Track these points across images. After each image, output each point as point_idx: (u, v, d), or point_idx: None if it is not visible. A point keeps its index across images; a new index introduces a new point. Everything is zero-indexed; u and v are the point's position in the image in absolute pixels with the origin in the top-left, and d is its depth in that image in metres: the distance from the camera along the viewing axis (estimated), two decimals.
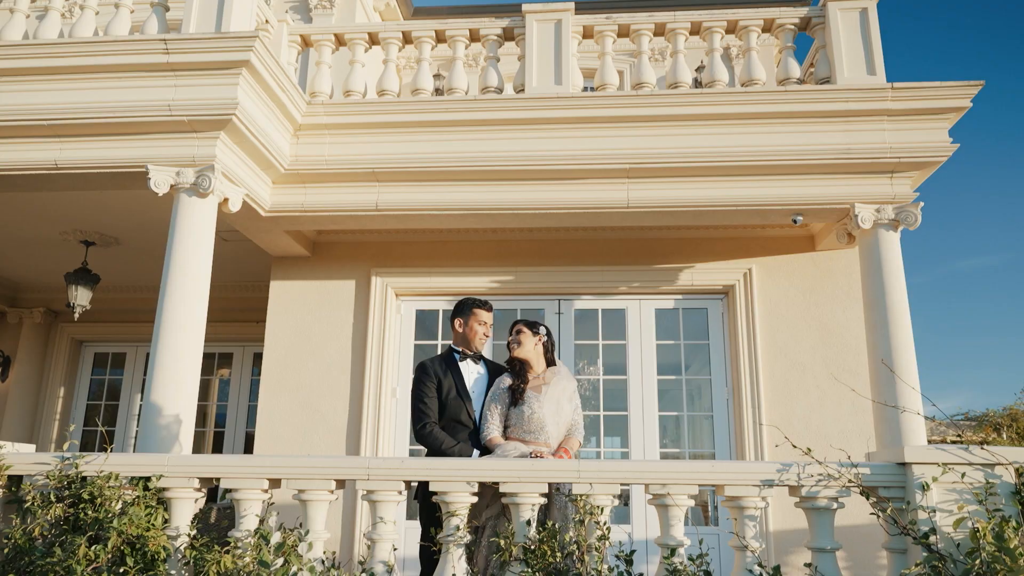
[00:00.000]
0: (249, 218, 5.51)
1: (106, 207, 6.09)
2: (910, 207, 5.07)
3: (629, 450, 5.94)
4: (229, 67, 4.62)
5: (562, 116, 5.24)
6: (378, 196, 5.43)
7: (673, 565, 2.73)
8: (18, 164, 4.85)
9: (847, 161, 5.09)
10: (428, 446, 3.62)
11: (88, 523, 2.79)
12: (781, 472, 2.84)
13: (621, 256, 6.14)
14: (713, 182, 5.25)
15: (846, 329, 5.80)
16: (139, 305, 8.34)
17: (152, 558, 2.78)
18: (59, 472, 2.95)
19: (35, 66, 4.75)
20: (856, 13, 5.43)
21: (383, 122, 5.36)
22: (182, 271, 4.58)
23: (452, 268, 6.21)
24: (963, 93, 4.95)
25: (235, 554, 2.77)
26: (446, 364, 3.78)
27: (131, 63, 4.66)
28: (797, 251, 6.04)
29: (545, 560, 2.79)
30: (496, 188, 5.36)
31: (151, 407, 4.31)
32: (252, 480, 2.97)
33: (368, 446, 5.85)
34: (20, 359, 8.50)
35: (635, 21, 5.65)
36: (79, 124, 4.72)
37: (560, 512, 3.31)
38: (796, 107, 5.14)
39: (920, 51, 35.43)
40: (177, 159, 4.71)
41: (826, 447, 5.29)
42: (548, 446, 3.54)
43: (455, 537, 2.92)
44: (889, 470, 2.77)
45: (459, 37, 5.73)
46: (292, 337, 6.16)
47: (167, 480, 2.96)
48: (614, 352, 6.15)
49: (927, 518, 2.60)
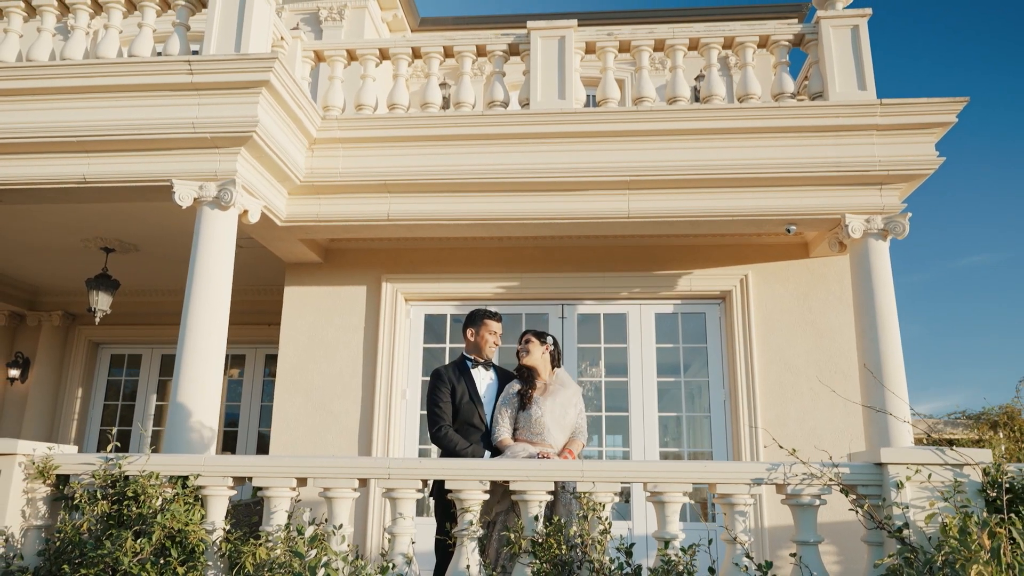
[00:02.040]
0: (266, 228, 5.76)
1: (126, 216, 6.34)
2: (898, 217, 5.31)
3: (630, 449, 6.19)
4: (250, 87, 4.86)
5: (566, 131, 5.48)
6: (389, 207, 5.68)
7: (668, 556, 2.98)
8: (49, 178, 5.10)
9: (838, 174, 5.32)
10: (443, 447, 3.89)
11: (132, 518, 3.04)
12: (769, 471, 3.09)
13: (622, 263, 6.38)
14: (710, 193, 5.49)
15: (839, 333, 6.04)
16: (154, 308, 8.61)
17: (191, 550, 3.03)
18: (104, 471, 3.20)
19: (65, 85, 4.99)
20: (848, 30, 5.65)
21: (395, 136, 5.60)
22: (205, 280, 4.82)
23: (459, 274, 6.46)
24: (948, 109, 5.18)
25: (267, 547, 3.03)
26: (459, 371, 4.05)
27: (157, 83, 4.90)
28: (792, 258, 6.28)
29: (552, 552, 3.05)
30: (502, 199, 5.60)
31: (178, 408, 4.56)
32: (281, 479, 3.22)
33: (379, 446, 6.10)
34: (39, 361, 8.77)
35: (635, 37, 5.88)
36: (107, 140, 4.97)
37: (565, 508, 3.56)
38: (790, 122, 5.37)
39: (912, 63, 35.61)
40: (200, 173, 4.96)
41: (819, 446, 5.55)
42: (553, 447, 3.80)
43: (469, 531, 3.17)
44: (867, 470, 3.02)
45: (466, 53, 5.97)
46: (306, 341, 6.41)
47: (204, 479, 3.21)
48: (616, 355, 6.40)
49: (901, 514, 2.85)
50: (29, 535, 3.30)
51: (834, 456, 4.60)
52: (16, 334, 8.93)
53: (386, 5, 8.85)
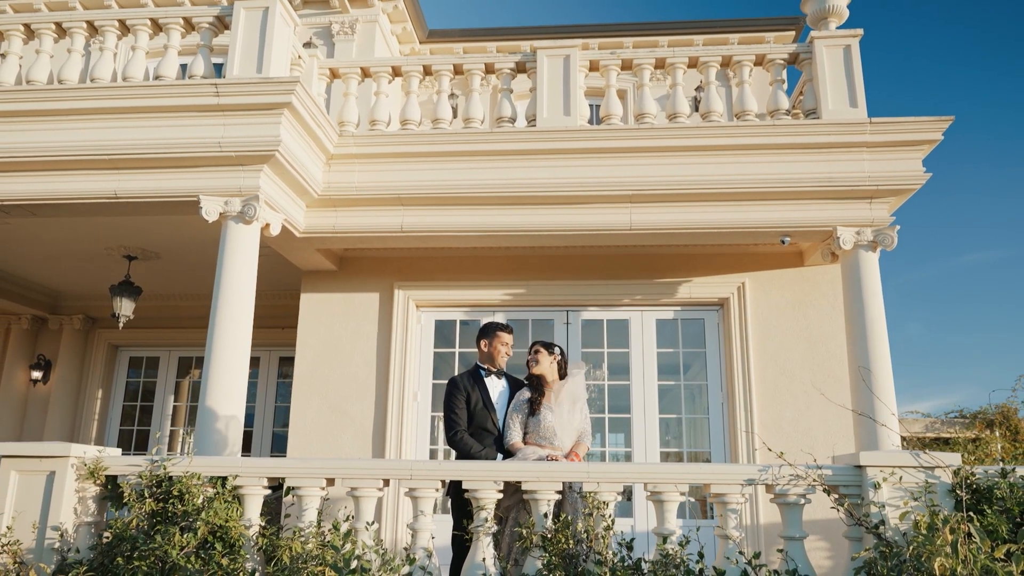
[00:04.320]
0: (285, 239, 6.05)
1: (150, 226, 6.63)
2: (887, 230, 5.58)
3: (632, 449, 6.48)
4: (273, 108, 5.15)
5: (570, 147, 5.76)
6: (403, 219, 5.97)
7: (666, 550, 3.28)
8: (82, 194, 5.39)
9: (830, 188, 5.60)
10: (459, 450, 4.20)
11: (178, 515, 3.34)
12: (759, 473, 3.38)
13: (625, 271, 6.66)
14: (709, 207, 5.77)
15: (831, 338, 6.32)
16: (171, 312, 8.91)
17: (232, 544, 3.33)
18: (150, 472, 3.49)
19: (97, 107, 5.28)
20: (840, 50, 5.92)
21: (408, 152, 5.89)
22: (230, 293, 5.11)
23: (469, 282, 6.74)
24: (935, 127, 5.46)
25: (300, 540, 3.32)
26: (473, 379, 4.36)
27: (185, 104, 5.19)
28: (787, 266, 6.56)
29: (560, 546, 3.34)
30: (510, 212, 5.88)
31: (206, 411, 4.85)
32: (312, 479, 3.52)
33: (392, 446, 6.39)
34: (60, 363, 9.08)
35: (637, 56, 6.15)
36: (138, 158, 5.26)
37: (572, 506, 3.86)
38: (784, 139, 5.65)
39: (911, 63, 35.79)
40: (225, 190, 5.25)
41: (812, 446, 5.85)
42: (561, 449, 4.11)
43: (484, 527, 3.47)
44: (848, 471, 3.31)
45: (475, 70, 6.24)
46: (321, 346, 6.71)
47: (241, 479, 3.51)
48: (618, 359, 6.68)
49: (877, 511, 3.14)
50: (80, 531, 3.60)
51: (826, 457, 4.89)
52: (38, 337, 9.24)
53: (395, 19, 9.13)
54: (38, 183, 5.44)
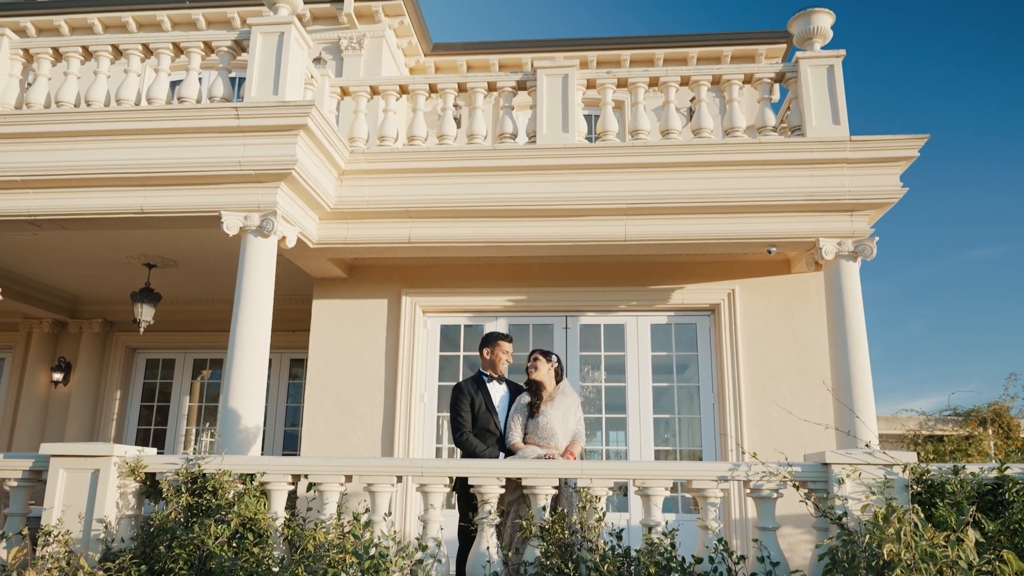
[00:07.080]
0: (299, 249, 6.41)
1: (169, 237, 6.99)
2: (867, 241, 5.93)
3: (627, 447, 6.84)
4: (290, 129, 5.51)
5: (569, 163, 6.11)
6: (410, 231, 6.32)
7: (651, 539, 3.64)
8: (110, 209, 5.76)
9: (813, 202, 5.95)
10: (465, 450, 4.59)
11: (212, 509, 3.71)
12: (734, 470, 3.74)
13: (621, 278, 7.02)
14: (699, 219, 6.12)
15: (817, 342, 6.66)
16: (187, 316, 9.29)
17: (260, 534, 3.69)
18: (186, 470, 3.86)
19: (124, 128, 5.64)
20: (824, 70, 6.26)
21: (415, 168, 6.24)
22: (250, 300, 5.48)
23: (472, 288, 7.11)
24: (911, 145, 5.80)
25: (323, 531, 3.69)
26: (477, 384, 4.74)
27: (207, 126, 5.55)
28: (775, 273, 6.91)
29: (556, 536, 3.71)
30: (512, 224, 6.24)
31: (229, 412, 5.22)
32: (332, 476, 3.89)
33: (400, 445, 6.76)
34: (80, 365, 9.46)
35: (632, 75, 6.50)
36: (162, 176, 5.62)
37: (568, 500, 4.22)
38: (771, 156, 5.99)
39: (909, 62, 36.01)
40: (245, 205, 5.61)
41: (798, 445, 6.19)
42: (558, 449, 4.49)
43: (488, 519, 3.83)
44: (815, 468, 3.67)
45: (479, 88, 6.59)
46: (332, 350, 7.07)
47: (268, 476, 3.88)
48: (614, 361, 7.04)
49: (841, 504, 3.50)
50: (122, 523, 3.98)
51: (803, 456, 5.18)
52: (59, 340, 9.62)
53: (401, 33, 9.47)
54: (68, 199, 5.80)
